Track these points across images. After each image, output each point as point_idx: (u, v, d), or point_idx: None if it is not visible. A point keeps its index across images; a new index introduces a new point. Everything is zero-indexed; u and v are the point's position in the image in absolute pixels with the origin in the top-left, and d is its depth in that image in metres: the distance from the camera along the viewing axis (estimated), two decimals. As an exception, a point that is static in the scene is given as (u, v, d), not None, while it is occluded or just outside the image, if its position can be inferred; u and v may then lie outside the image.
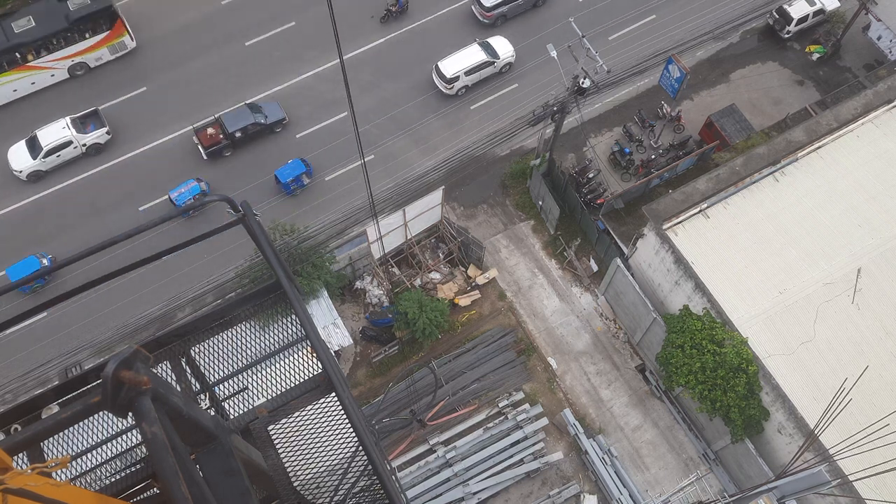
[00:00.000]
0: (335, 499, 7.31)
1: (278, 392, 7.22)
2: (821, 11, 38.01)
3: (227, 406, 7.28)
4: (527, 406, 29.69)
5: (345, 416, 6.80)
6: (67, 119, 33.29)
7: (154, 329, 29.61)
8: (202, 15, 37.81)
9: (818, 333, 26.18)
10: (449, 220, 32.78)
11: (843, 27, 37.63)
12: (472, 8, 38.20)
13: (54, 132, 32.95)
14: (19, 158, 32.93)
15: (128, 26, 35.50)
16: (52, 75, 34.99)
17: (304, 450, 7.20)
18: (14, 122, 34.24)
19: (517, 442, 29.07)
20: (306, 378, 7.28)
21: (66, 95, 35.32)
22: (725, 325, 25.87)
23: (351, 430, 6.80)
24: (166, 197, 32.84)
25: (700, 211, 27.88)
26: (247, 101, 34.76)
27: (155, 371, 5.33)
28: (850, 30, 37.51)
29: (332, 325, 29.13)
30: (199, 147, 33.99)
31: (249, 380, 7.39)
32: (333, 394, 6.98)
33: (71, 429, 6.75)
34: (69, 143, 32.92)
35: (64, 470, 6.42)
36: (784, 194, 28.31)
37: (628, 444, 29.98)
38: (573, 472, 29.36)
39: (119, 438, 6.94)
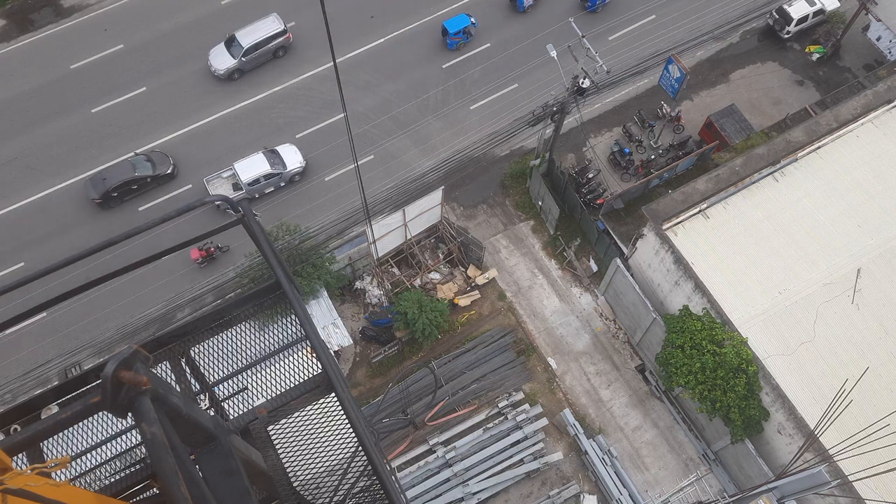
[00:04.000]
0: (335, 499, 7.31)
1: (278, 392, 7.21)
2: (821, 12, 38.01)
3: (226, 406, 7.28)
4: (527, 406, 29.68)
5: (344, 417, 6.79)
6: None
7: (154, 329, 29.63)
8: (202, 15, 37.83)
9: (818, 334, 26.18)
10: (449, 221, 32.77)
11: (843, 27, 37.63)
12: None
13: None
14: None
15: None
16: None
17: (303, 450, 7.20)
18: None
19: (517, 442, 29.07)
20: (306, 378, 7.27)
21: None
22: (725, 325, 25.87)
23: (351, 430, 6.80)
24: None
25: (700, 211, 27.88)
26: None
27: (154, 371, 5.33)
28: (849, 30, 37.51)
29: (331, 325, 29.13)
30: None
31: (249, 380, 7.39)
32: (333, 394, 6.98)
33: (71, 429, 6.75)
34: None
35: (64, 470, 6.42)
36: (784, 194, 28.31)
37: (628, 444, 29.98)
38: (573, 473, 29.36)
39: (119, 438, 6.94)
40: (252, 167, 32.74)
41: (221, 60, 35.21)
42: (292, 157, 33.45)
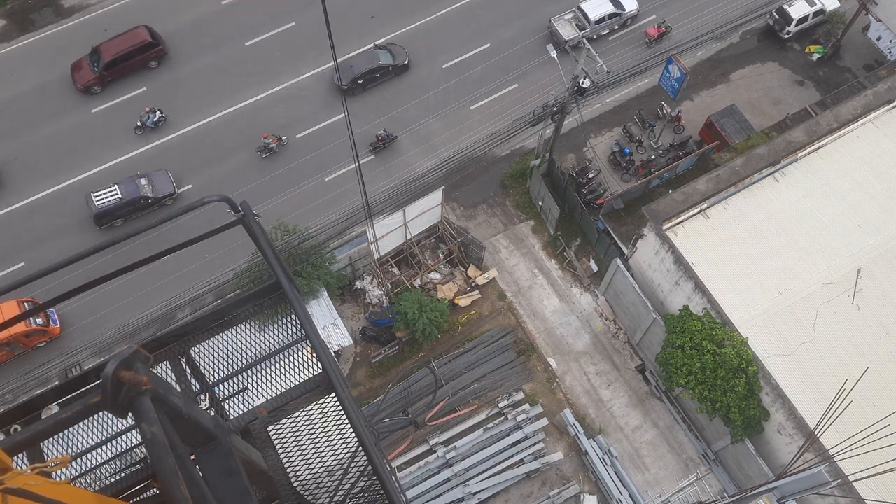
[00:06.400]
0: (335, 499, 7.32)
1: (278, 392, 7.21)
2: (821, 12, 38.01)
3: (226, 406, 7.28)
4: (527, 406, 29.68)
5: (344, 417, 6.80)
6: None
7: (154, 329, 29.63)
8: (202, 15, 37.82)
9: (818, 334, 26.18)
10: (449, 221, 32.77)
11: (843, 27, 37.63)
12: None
13: None
14: None
15: None
16: None
17: (303, 450, 7.20)
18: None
19: (517, 442, 29.06)
20: (306, 378, 7.27)
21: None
22: (725, 325, 25.86)
23: (351, 430, 6.80)
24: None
25: (700, 211, 27.87)
26: None
27: (155, 371, 5.33)
28: (849, 30, 37.51)
29: (331, 325, 29.13)
30: None
31: (249, 380, 7.39)
32: (333, 394, 6.99)
33: (71, 429, 6.75)
34: None
35: (64, 470, 6.42)
36: (784, 195, 28.30)
37: (628, 444, 29.97)
38: (573, 473, 29.35)
39: (119, 438, 6.94)
40: (598, 7, 37.22)
41: None
42: (630, 1, 37.74)
